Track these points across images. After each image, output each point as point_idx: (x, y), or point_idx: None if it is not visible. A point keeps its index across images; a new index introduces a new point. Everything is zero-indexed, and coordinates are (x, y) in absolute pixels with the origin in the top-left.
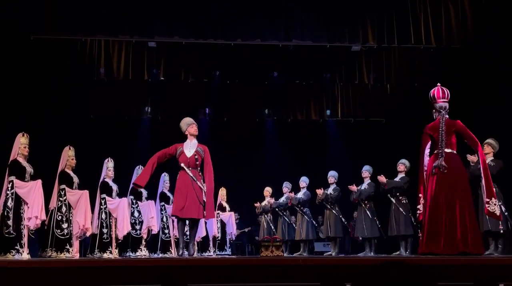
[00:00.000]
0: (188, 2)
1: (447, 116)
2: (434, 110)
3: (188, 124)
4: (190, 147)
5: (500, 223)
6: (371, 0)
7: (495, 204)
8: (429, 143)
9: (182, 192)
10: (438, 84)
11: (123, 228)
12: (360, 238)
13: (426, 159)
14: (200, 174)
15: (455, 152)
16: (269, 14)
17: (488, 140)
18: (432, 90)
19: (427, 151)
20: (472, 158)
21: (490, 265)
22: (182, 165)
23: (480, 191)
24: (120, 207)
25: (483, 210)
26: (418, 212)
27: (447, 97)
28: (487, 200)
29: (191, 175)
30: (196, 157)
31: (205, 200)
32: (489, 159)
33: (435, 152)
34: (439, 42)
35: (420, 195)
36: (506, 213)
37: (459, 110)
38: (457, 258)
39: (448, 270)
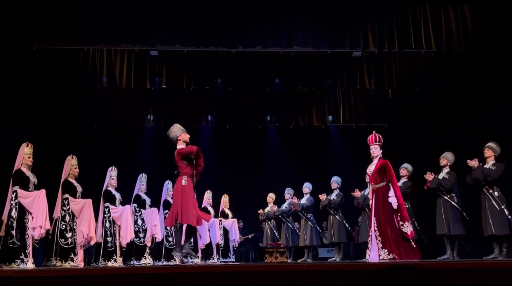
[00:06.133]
0: (189, 11)
1: None
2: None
3: (183, 131)
4: None
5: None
6: (371, 6)
7: (407, 227)
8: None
9: (193, 201)
10: (374, 131)
11: (126, 235)
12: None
13: None
14: None
15: None
16: (270, 21)
17: (489, 144)
18: (370, 136)
19: None
20: (473, 163)
21: (495, 268)
22: (194, 172)
23: (482, 195)
24: (123, 215)
25: (486, 215)
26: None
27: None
28: (401, 223)
29: (194, 184)
30: None
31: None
32: (490, 162)
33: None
34: (440, 46)
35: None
36: (509, 217)
37: (459, 113)
38: (464, 262)
39: (456, 274)
